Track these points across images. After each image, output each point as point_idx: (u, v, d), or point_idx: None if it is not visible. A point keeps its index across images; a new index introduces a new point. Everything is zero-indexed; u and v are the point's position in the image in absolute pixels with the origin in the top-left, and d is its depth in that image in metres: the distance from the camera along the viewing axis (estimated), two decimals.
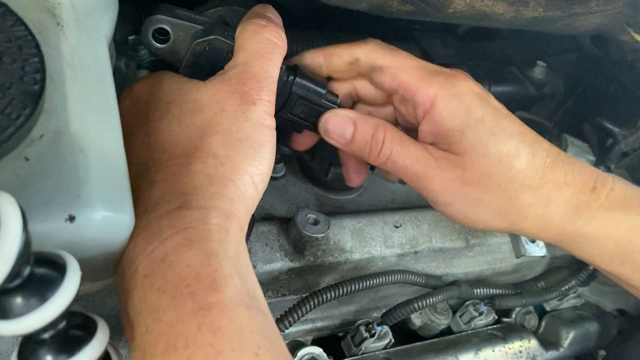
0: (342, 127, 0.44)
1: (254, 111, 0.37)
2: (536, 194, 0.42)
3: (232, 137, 0.35)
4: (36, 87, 0.26)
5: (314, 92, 0.43)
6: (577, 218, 0.42)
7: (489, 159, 0.41)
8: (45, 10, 0.31)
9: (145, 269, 0.29)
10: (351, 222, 0.55)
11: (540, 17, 0.47)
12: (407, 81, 0.42)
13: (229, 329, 0.27)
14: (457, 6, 0.44)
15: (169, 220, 0.31)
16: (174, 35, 0.40)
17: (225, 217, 0.32)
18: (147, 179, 0.33)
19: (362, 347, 0.56)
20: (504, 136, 0.41)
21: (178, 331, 0.27)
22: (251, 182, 0.35)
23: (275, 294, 0.52)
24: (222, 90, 0.37)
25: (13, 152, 0.26)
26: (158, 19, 0.40)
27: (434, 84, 0.42)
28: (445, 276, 0.62)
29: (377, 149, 0.43)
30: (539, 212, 0.42)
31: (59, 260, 0.25)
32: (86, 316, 0.28)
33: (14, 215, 0.21)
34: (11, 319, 0.23)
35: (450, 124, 0.41)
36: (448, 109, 0.41)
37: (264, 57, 0.39)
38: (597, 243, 0.43)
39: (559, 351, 0.67)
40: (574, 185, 0.42)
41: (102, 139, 0.29)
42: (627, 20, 0.51)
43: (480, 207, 0.42)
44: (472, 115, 0.41)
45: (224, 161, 0.34)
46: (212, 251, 0.30)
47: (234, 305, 0.28)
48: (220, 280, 0.29)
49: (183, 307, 0.27)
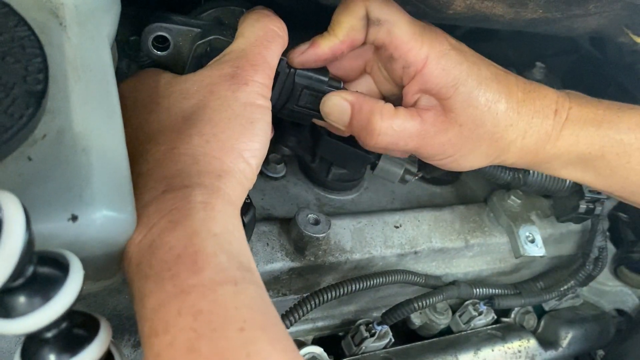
0: (340, 108, 0.44)
1: (245, 91, 0.36)
2: (516, 129, 0.44)
3: (219, 115, 0.35)
4: (39, 87, 0.26)
5: (316, 80, 0.44)
6: (546, 143, 0.45)
7: (479, 109, 0.43)
8: (48, 11, 0.31)
9: (136, 258, 0.30)
10: (351, 222, 0.55)
11: (539, 19, 0.48)
12: (399, 38, 0.42)
13: (210, 310, 0.27)
14: (457, 7, 0.44)
15: (155, 206, 0.31)
16: (174, 41, 0.41)
17: (211, 193, 0.32)
18: (134, 173, 0.33)
19: (362, 347, 0.56)
20: (488, 83, 0.43)
21: (159, 316, 0.27)
22: (240, 158, 0.35)
23: (276, 294, 0.52)
24: (212, 76, 0.37)
25: (16, 152, 0.26)
26: (156, 27, 0.41)
27: (425, 43, 0.42)
28: (444, 276, 0.62)
29: (374, 136, 0.43)
30: (518, 145, 0.45)
31: (62, 260, 0.25)
32: (89, 315, 0.28)
33: (17, 214, 0.21)
34: (14, 318, 0.23)
35: (443, 81, 0.42)
36: (440, 67, 0.42)
37: (262, 44, 0.39)
38: (562, 159, 0.46)
39: (557, 351, 0.68)
40: (542, 112, 0.45)
41: (105, 139, 0.29)
42: (626, 22, 0.52)
43: (472, 154, 0.45)
44: (462, 69, 0.42)
45: (209, 139, 0.34)
46: (194, 230, 0.30)
47: (217, 285, 0.28)
48: (202, 260, 0.28)
49: (164, 291, 0.27)
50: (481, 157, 0.45)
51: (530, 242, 0.61)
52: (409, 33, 0.42)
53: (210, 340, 0.26)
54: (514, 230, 0.62)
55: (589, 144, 0.45)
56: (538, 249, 0.61)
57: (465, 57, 0.43)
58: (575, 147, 0.45)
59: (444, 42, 0.43)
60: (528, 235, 0.61)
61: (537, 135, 0.45)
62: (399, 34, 0.42)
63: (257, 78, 0.37)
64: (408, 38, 0.42)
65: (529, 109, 0.44)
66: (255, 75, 0.37)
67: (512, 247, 0.63)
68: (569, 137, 0.45)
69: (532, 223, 0.63)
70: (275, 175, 0.57)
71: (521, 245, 0.61)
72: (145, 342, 0.27)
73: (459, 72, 0.42)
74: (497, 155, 0.45)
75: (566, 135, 0.45)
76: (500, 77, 0.44)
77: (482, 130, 0.43)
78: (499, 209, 0.63)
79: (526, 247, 0.61)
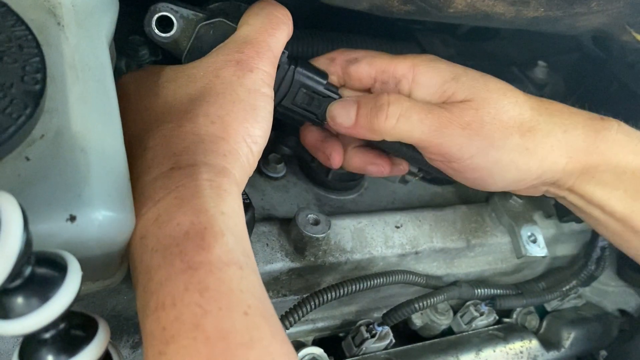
0: (346, 109, 0.44)
1: (250, 77, 0.36)
2: (549, 121, 0.41)
3: (225, 99, 0.35)
4: (37, 86, 0.26)
5: (315, 81, 0.44)
6: (599, 141, 0.41)
7: (494, 93, 0.41)
8: (46, 10, 0.31)
9: (141, 230, 0.30)
10: (352, 223, 0.55)
11: (541, 17, 0.47)
12: (382, 62, 0.44)
13: (217, 289, 0.27)
14: (458, 6, 0.44)
15: (162, 181, 0.31)
16: (178, 23, 0.40)
17: (217, 172, 0.32)
18: (140, 146, 0.34)
19: (363, 348, 0.56)
20: (493, 79, 0.43)
21: (167, 290, 0.27)
22: (243, 141, 0.35)
23: (275, 295, 0.52)
24: (217, 61, 0.37)
25: (14, 152, 0.26)
26: (162, 7, 0.40)
27: (408, 57, 0.44)
28: (446, 276, 0.62)
29: (384, 113, 0.41)
30: (559, 137, 0.41)
31: (60, 260, 0.25)
32: (87, 316, 0.28)
33: (15, 215, 0.21)
34: (12, 318, 0.23)
35: (440, 79, 0.42)
36: (432, 68, 0.42)
37: (267, 32, 0.39)
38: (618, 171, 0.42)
39: (560, 351, 0.67)
40: (582, 115, 0.43)
41: (103, 139, 0.29)
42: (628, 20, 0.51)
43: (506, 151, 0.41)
44: (456, 66, 0.43)
45: (214, 120, 0.34)
46: (202, 207, 0.30)
47: (224, 264, 0.28)
48: (209, 238, 0.28)
49: (172, 266, 0.27)
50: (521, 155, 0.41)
51: (532, 242, 0.61)
52: (388, 57, 0.44)
53: (215, 319, 0.26)
54: (515, 230, 0.61)
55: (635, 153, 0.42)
56: (540, 249, 0.60)
57: (457, 65, 0.44)
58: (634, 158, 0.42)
59: (431, 56, 0.44)
60: (530, 235, 0.61)
61: (583, 129, 0.41)
62: (378, 59, 0.44)
63: (262, 66, 0.37)
64: (390, 59, 0.44)
65: (560, 108, 0.42)
66: (261, 62, 0.37)
67: (514, 247, 0.62)
68: (629, 143, 0.42)
69: (534, 223, 0.62)
70: (275, 175, 0.57)
71: (523, 245, 0.60)
72: (149, 315, 0.27)
73: (454, 67, 0.42)
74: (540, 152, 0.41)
75: (624, 141, 0.42)
76: (509, 86, 0.44)
77: (505, 117, 0.40)
78: (500, 208, 0.63)
79: (528, 248, 0.60)
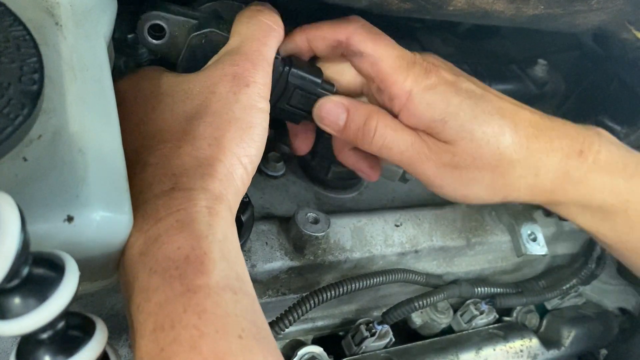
0: (335, 113, 0.44)
1: (246, 93, 0.36)
2: (525, 165, 0.43)
3: (221, 118, 0.35)
4: (34, 87, 0.26)
5: (310, 81, 0.44)
6: (566, 183, 0.44)
7: (476, 142, 0.42)
8: (44, 10, 0.31)
9: (141, 246, 0.30)
10: (351, 221, 0.55)
11: (540, 15, 0.47)
12: (384, 71, 0.42)
13: (214, 312, 0.27)
14: (458, 4, 0.44)
15: (164, 200, 0.31)
16: (169, 30, 0.41)
17: (214, 198, 0.32)
18: (140, 162, 0.34)
19: (363, 346, 0.56)
20: (486, 117, 0.42)
21: (166, 312, 0.27)
22: (239, 163, 0.35)
23: (275, 293, 0.52)
24: (213, 76, 0.37)
25: (11, 153, 0.26)
26: (152, 15, 0.41)
27: (410, 77, 0.42)
28: (446, 275, 0.62)
29: (369, 136, 0.43)
30: (529, 182, 0.44)
31: (58, 261, 0.24)
32: (85, 316, 0.28)
33: (13, 215, 0.21)
34: (9, 319, 0.23)
35: (430, 115, 0.42)
36: (425, 102, 0.42)
37: (258, 40, 0.39)
38: (582, 204, 0.45)
39: (560, 350, 0.67)
40: (561, 151, 0.43)
41: (101, 139, 0.29)
42: (629, 17, 0.51)
43: (475, 186, 0.44)
44: (450, 104, 0.42)
45: (211, 142, 0.34)
46: (201, 234, 0.30)
47: (220, 289, 0.28)
48: (208, 263, 0.29)
49: (171, 288, 0.28)
50: (487, 190, 0.44)
51: (532, 240, 0.61)
52: (393, 67, 0.42)
53: (212, 341, 0.26)
54: (515, 229, 0.61)
55: (614, 194, 0.43)
56: (540, 248, 0.60)
57: (457, 91, 0.42)
58: (599, 195, 0.43)
59: (433, 76, 0.42)
60: (530, 233, 0.61)
61: (554, 174, 0.43)
62: (382, 66, 0.42)
63: (257, 79, 0.37)
64: (392, 71, 0.42)
65: (542, 146, 0.43)
66: (257, 75, 0.37)
67: (514, 246, 0.62)
68: (593, 181, 0.43)
69: (534, 221, 0.62)
70: (274, 174, 0.57)
71: (523, 243, 0.60)
72: (145, 335, 0.27)
73: (447, 106, 0.41)
74: (507, 192, 0.44)
75: (591, 180, 0.43)
76: (506, 111, 0.43)
77: (480, 163, 0.42)
78: (500, 207, 0.63)
79: (528, 246, 0.60)
